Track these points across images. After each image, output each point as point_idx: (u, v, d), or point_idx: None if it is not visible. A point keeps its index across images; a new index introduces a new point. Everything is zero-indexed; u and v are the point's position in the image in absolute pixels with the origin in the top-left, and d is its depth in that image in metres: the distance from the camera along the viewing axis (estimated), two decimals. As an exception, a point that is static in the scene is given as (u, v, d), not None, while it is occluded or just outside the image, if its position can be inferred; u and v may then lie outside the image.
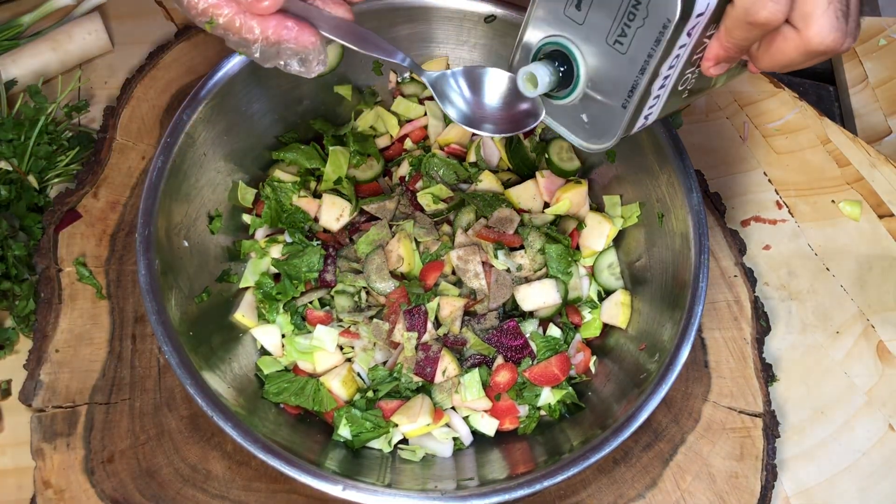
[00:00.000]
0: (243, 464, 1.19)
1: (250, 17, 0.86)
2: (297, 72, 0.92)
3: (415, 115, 1.40)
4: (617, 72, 0.84)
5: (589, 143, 0.93)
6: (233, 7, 0.86)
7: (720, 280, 1.38)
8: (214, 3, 0.86)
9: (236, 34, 0.87)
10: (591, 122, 0.91)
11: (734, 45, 0.80)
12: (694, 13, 0.77)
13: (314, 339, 1.20)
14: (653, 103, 0.87)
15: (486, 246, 1.27)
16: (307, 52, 0.90)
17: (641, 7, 0.78)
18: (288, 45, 0.89)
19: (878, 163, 1.53)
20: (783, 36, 0.76)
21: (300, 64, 0.92)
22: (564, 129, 0.94)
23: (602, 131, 0.91)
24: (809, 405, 1.34)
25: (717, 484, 1.23)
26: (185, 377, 1.04)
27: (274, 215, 1.29)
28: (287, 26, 0.87)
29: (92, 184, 1.36)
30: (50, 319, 1.25)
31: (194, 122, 1.17)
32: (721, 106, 1.59)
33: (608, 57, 0.84)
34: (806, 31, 0.73)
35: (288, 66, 0.92)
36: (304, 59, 0.91)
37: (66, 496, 1.15)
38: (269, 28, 0.87)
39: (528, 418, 1.22)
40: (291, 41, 0.88)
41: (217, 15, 0.86)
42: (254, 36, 0.87)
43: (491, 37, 1.32)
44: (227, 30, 0.87)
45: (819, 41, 0.73)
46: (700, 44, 0.83)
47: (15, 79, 1.45)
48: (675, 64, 0.83)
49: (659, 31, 0.78)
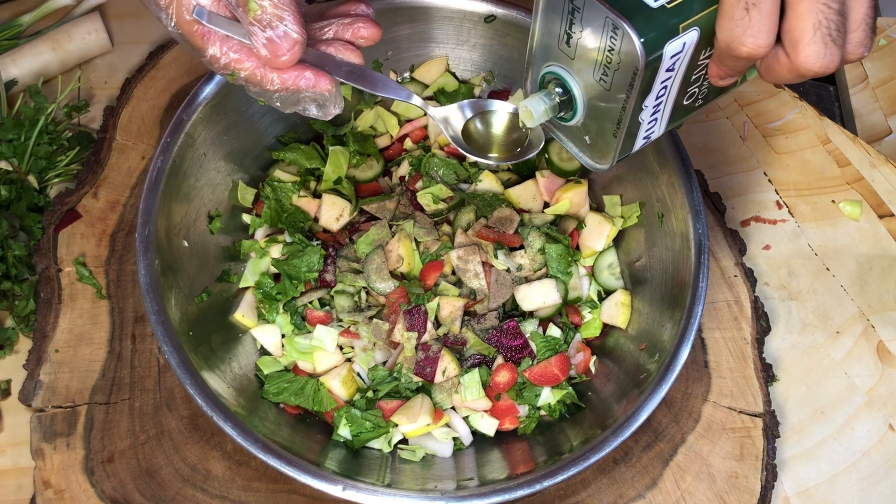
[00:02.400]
0: (243, 464, 1.19)
1: (270, 71, 0.90)
2: (315, 116, 0.97)
3: (415, 115, 1.40)
4: (605, 104, 0.88)
5: (593, 162, 0.97)
6: (254, 61, 0.90)
7: (720, 280, 1.38)
8: (236, 59, 0.90)
9: (257, 86, 0.92)
10: (592, 145, 0.96)
11: (728, 70, 0.82)
12: (665, 57, 0.79)
13: (314, 339, 1.20)
14: (648, 127, 0.90)
15: (486, 246, 1.27)
16: (324, 98, 0.94)
17: (615, 53, 0.81)
18: (307, 94, 0.93)
19: (878, 163, 1.53)
20: (776, 58, 0.77)
21: (318, 109, 0.96)
22: (574, 147, 0.99)
23: (601, 154, 0.95)
24: (809, 405, 1.34)
25: (717, 484, 1.23)
26: (185, 377, 1.04)
27: (274, 215, 1.29)
28: (305, 76, 0.91)
29: (92, 184, 1.36)
30: (50, 319, 1.25)
31: (194, 122, 1.17)
32: (721, 106, 1.59)
33: (597, 90, 0.88)
34: (795, 58, 0.75)
35: (307, 110, 0.96)
36: (321, 104, 0.95)
37: (65, 496, 1.15)
38: (289, 80, 0.91)
39: (528, 418, 1.22)
40: (310, 90, 0.92)
41: (239, 69, 0.90)
42: (274, 87, 0.91)
43: (491, 37, 1.32)
44: (248, 82, 0.92)
45: (808, 67, 0.75)
46: (695, 66, 0.84)
47: (15, 79, 1.45)
48: (664, 94, 0.85)
49: (630, 77, 0.81)
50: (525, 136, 1.06)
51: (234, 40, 0.90)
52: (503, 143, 1.07)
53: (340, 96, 0.96)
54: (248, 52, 0.90)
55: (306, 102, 0.95)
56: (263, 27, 0.85)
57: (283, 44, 0.86)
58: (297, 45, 0.87)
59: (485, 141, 1.07)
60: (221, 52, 0.90)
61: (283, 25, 0.85)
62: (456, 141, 1.04)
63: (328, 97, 0.94)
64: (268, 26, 0.85)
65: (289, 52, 0.87)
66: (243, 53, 0.90)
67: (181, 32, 0.90)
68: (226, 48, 0.90)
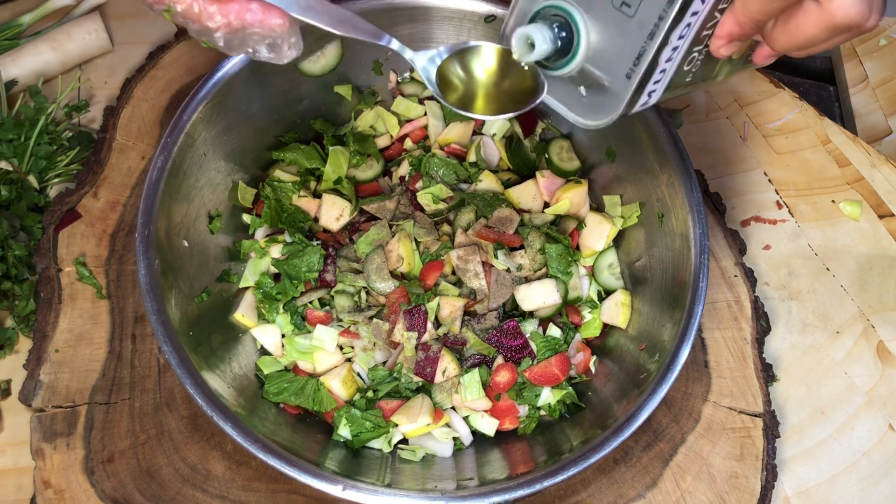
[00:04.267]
0: (243, 464, 1.19)
1: (210, 3, 0.80)
2: (266, 58, 0.86)
3: (415, 114, 1.40)
4: (623, 38, 0.77)
5: (587, 119, 0.85)
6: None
7: (720, 280, 1.38)
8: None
9: (196, 22, 0.82)
10: (591, 97, 0.83)
11: (750, 19, 0.73)
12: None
13: (314, 339, 1.20)
14: (658, 77, 0.80)
15: (486, 246, 1.26)
16: (276, 37, 0.83)
17: None
18: (253, 30, 0.82)
19: (878, 163, 1.53)
20: (803, 10, 0.70)
21: (269, 50, 0.85)
22: (561, 104, 0.87)
23: (602, 106, 0.83)
24: (809, 405, 1.34)
25: (717, 484, 1.23)
26: (185, 377, 1.04)
27: (274, 215, 1.29)
28: (251, 9, 0.81)
29: (92, 184, 1.36)
30: (50, 319, 1.25)
31: (194, 122, 1.17)
32: (721, 106, 1.59)
33: (614, 21, 0.77)
34: (829, 4, 0.68)
35: (257, 53, 0.85)
36: (272, 44, 0.85)
37: (66, 496, 1.15)
38: (231, 13, 0.81)
39: (528, 418, 1.22)
40: (256, 25, 0.82)
41: (175, 2, 0.81)
42: (215, 23, 0.81)
43: (491, 37, 1.32)
44: (186, 17, 0.82)
45: (844, 14, 0.67)
46: (711, 17, 0.77)
47: (15, 79, 1.45)
48: (686, 34, 0.76)
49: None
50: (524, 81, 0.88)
51: None
52: (494, 92, 0.92)
53: (298, 37, 0.85)
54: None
55: (255, 42, 0.84)
56: None
57: None
58: None
59: (472, 91, 0.92)
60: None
61: None
62: (436, 93, 0.91)
63: (280, 35, 0.83)
64: None
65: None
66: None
67: None
68: None
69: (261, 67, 1.22)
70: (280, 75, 1.26)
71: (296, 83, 1.30)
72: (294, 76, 1.29)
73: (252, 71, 1.21)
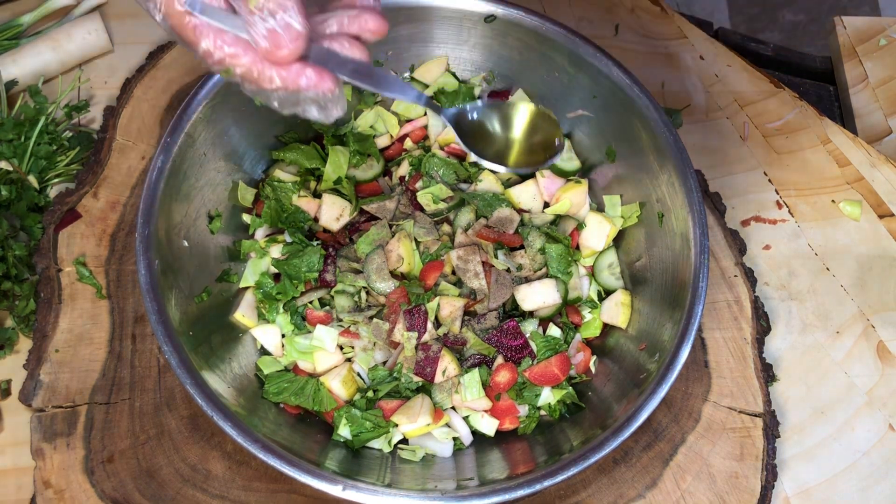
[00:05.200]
0: (243, 464, 1.19)
1: (269, 67, 0.83)
2: (315, 118, 0.90)
3: (415, 114, 1.40)
4: None
5: None
6: (251, 56, 0.83)
7: (720, 280, 1.38)
8: (232, 54, 0.83)
9: (254, 84, 0.85)
10: None
11: None
12: None
13: (314, 339, 1.20)
14: None
15: (486, 246, 1.27)
16: (327, 99, 0.87)
17: None
18: (308, 95, 0.86)
19: (878, 163, 1.53)
20: None
21: (319, 111, 0.89)
22: None
23: None
24: (809, 405, 1.34)
25: (717, 484, 1.23)
26: (185, 377, 1.04)
27: (274, 215, 1.29)
28: (307, 75, 0.84)
29: (92, 184, 1.36)
30: (50, 319, 1.25)
31: (194, 122, 1.17)
32: (721, 106, 1.59)
33: None
34: None
35: (307, 112, 0.89)
36: (322, 105, 0.89)
37: (66, 496, 1.15)
38: (289, 77, 0.84)
39: (528, 418, 1.22)
40: (311, 90, 0.85)
41: (234, 65, 0.84)
42: (273, 86, 0.84)
43: (491, 37, 1.32)
44: (244, 79, 0.85)
45: None
46: None
47: (15, 79, 1.45)
48: None
49: None
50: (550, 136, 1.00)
51: (230, 33, 0.83)
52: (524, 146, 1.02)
53: (343, 97, 0.90)
54: (245, 45, 0.83)
55: (307, 103, 0.88)
56: (264, 17, 0.79)
57: (284, 35, 0.80)
58: (300, 38, 0.81)
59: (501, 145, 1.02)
60: (216, 47, 0.83)
61: (286, 16, 0.79)
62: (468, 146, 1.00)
63: (330, 98, 0.87)
64: (269, 16, 0.79)
65: (291, 46, 0.80)
66: (240, 47, 0.83)
67: (171, 25, 0.84)
68: (220, 42, 0.83)
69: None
70: (280, 75, 1.26)
71: (296, 83, 1.30)
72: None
73: (252, 71, 1.21)
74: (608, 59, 1.23)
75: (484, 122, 1.03)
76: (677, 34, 1.66)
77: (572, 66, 1.28)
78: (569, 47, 1.25)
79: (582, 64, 1.26)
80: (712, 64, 1.63)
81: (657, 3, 1.69)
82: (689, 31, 1.66)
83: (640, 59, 1.62)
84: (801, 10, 3.08)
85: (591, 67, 1.25)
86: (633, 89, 1.22)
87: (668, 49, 1.64)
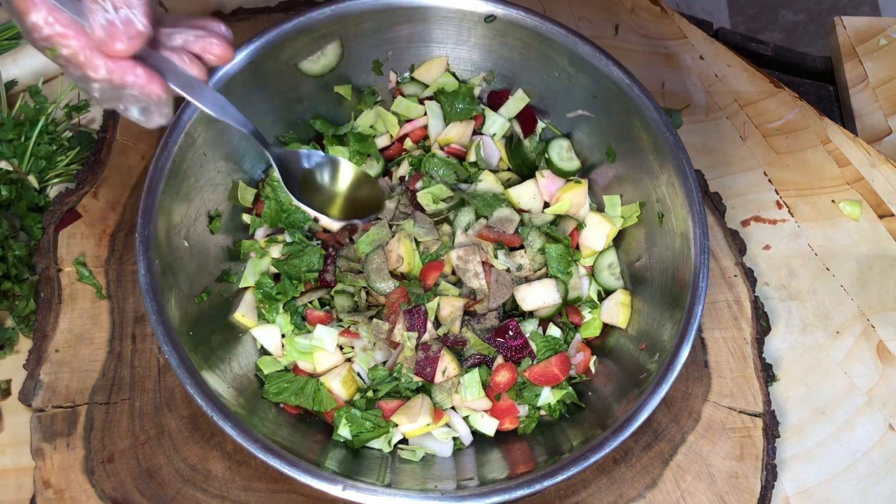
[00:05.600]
0: (243, 464, 1.19)
1: (98, 56, 0.82)
2: (135, 119, 0.88)
3: (415, 114, 1.40)
4: None
5: None
6: (82, 41, 0.81)
7: (720, 280, 1.38)
8: (61, 34, 0.81)
9: (79, 69, 0.83)
10: None
11: None
12: None
13: (314, 339, 1.20)
14: None
15: (486, 246, 1.26)
16: (151, 103, 0.86)
17: None
18: (132, 92, 0.85)
19: (878, 163, 1.53)
20: None
21: (140, 113, 0.88)
22: None
23: None
24: (809, 405, 1.34)
25: (717, 484, 1.23)
26: (185, 377, 1.04)
27: (274, 215, 1.29)
28: (136, 73, 0.83)
29: (92, 184, 1.36)
30: (50, 319, 1.25)
31: (194, 122, 1.17)
32: (721, 106, 1.59)
33: None
34: None
35: (127, 111, 0.88)
36: (146, 108, 0.87)
37: (65, 496, 1.15)
38: (116, 71, 0.82)
39: (528, 418, 1.22)
40: (136, 89, 0.84)
41: (62, 46, 0.81)
42: (97, 75, 0.83)
43: (491, 37, 1.32)
44: (69, 62, 0.83)
45: None
46: None
47: (15, 79, 1.45)
48: None
49: None
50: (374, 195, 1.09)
51: (65, 13, 0.80)
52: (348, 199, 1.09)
53: (170, 108, 0.88)
54: (77, 29, 0.80)
55: (129, 101, 0.86)
56: (107, 8, 0.77)
57: (123, 30, 0.78)
58: (138, 37, 0.79)
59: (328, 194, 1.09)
60: (46, 23, 0.79)
61: (130, 12, 0.78)
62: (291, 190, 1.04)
63: (155, 102, 0.86)
64: (112, 8, 0.77)
65: (127, 42, 0.79)
66: (72, 29, 0.80)
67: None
68: (52, 19, 0.79)
69: (261, 68, 1.22)
70: (280, 76, 1.26)
71: (296, 83, 1.30)
72: (294, 76, 1.29)
73: (252, 71, 1.21)
74: (608, 59, 1.23)
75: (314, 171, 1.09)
76: (677, 34, 1.66)
77: (572, 66, 1.28)
78: (569, 47, 1.25)
79: (582, 64, 1.26)
80: (712, 64, 1.63)
81: (657, 3, 1.69)
82: (689, 31, 1.66)
83: (640, 59, 1.62)
84: (801, 10, 3.08)
85: (591, 67, 1.25)
86: (633, 89, 1.22)
87: (668, 49, 1.64)
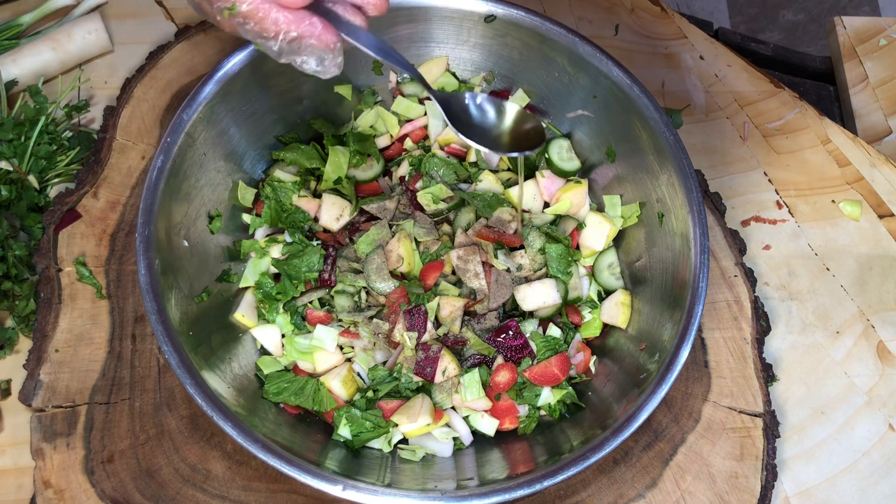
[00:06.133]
0: (243, 464, 1.19)
1: (276, 9, 0.83)
2: (313, 71, 0.90)
3: (415, 114, 1.40)
4: None
5: None
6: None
7: (720, 280, 1.38)
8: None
9: (258, 24, 0.84)
10: None
11: None
12: None
13: (314, 339, 1.20)
14: None
15: (486, 246, 1.26)
16: (326, 53, 0.88)
17: None
18: (309, 42, 0.86)
19: (878, 163, 1.53)
20: None
21: (318, 63, 0.89)
22: None
23: None
24: (809, 405, 1.34)
25: (717, 484, 1.23)
26: (185, 377, 1.04)
27: (274, 215, 1.29)
28: (312, 22, 0.84)
29: (92, 184, 1.36)
30: (50, 319, 1.25)
31: (194, 122, 1.17)
32: (721, 106, 1.59)
33: None
34: None
35: (305, 63, 0.89)
36: (321, 58, 0.88)
37: (65, 496, 1.15)
38: (294, 22, 0.84)
39: (528, 418, 1.22)
40: (314, 38, 0.85)
41: (241, 1, 0.82)
42: (276, 28, 0.84)
43: (491, 37, 1.32)
44: (247, 18, 0.83)
45: None
46: None
47: (15, 79, 1.45)
48: None
49: None
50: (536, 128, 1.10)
51: None
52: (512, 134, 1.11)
53: (341, 57, 0.89)
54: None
55: (307, 53, 0.87)
56: None
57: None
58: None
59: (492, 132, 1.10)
60: None
61: None
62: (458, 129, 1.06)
63: (330, 53, 0.87)
64: None
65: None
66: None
67: None
68: None
69: (261, 67, 1.22)
70: (280, 76, 1.26)
71: (296, 83, 1.30)
72: (294, 76, 1.29)
73: (252, 71, 1.21)
74: (608, 59, 1.23)
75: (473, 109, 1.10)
76: (677, 34, 1.66)
77: (572, 66, 1.28)
78: (569, 47, 1.25)
79: (582, 64, 1.26)
80: (712, 64, 1.63)
81: (657, 3, 1.69)
82: (689, 31, 1.66)
83: (640, 59, 1.62)
84: (801, 10, 3.08)
85: (591, 67, 1.25)
86: (633, 89, 1.22)
87: (668, 49, 1.64)
